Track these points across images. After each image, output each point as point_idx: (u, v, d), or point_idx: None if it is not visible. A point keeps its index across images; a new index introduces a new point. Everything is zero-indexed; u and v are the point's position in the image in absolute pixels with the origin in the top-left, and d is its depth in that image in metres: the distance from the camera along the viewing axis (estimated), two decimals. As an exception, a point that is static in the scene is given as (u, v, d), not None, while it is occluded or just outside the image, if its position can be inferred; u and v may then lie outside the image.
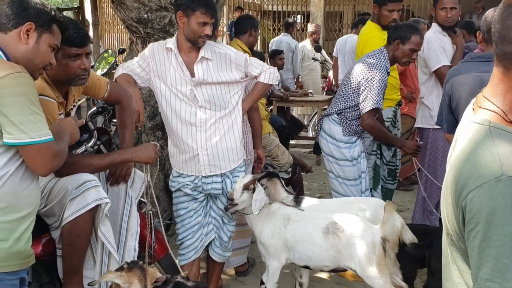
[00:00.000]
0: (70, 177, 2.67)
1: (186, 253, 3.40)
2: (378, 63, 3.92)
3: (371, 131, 3.96)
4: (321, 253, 3.18)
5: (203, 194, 3.36)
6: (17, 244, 2.06)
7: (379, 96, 3.87)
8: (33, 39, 2.12)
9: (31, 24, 2.10)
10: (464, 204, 1.32)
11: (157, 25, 4.39)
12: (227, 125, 3.29)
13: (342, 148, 4.01)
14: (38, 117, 2.03)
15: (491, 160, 1.30)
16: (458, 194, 1.35)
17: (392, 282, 3.12)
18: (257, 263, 4.32)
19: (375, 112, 3.93)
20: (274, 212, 3.34)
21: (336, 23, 13.87)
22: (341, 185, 4.07)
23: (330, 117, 4.07)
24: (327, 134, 4.08)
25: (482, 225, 1.27)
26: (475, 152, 1.35)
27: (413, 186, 6.43)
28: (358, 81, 3.94)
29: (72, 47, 2.65)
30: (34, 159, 2.05)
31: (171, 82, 3.22)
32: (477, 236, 1.29)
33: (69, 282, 2.72)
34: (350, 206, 3.54)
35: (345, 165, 4.03)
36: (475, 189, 1.29)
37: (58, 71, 2.68)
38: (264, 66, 3.42)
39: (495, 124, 1.37)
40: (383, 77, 3.88)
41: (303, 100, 7.84)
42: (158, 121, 4.50)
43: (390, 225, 3.10)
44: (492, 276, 1.26)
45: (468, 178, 1.32)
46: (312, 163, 7.42)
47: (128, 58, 4.64)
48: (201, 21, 3.10)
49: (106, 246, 2.77)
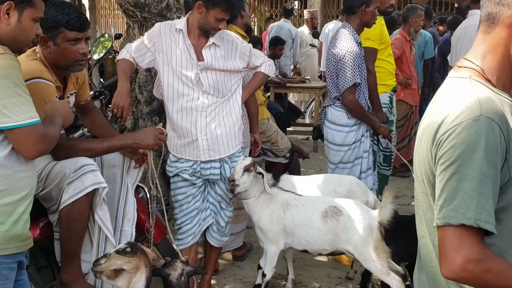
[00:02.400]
0: (67, 160, 2.66)
1: (184, 238, 3.40)
2: (343, 39, 3.93)
3: (353, 108, 3.97)
4: (320, 237, 3.20)
5: (202, 180, 3.36)
6: (15, 227, 2.04)
7: (354, 71, 3.88)
8: (14, 17, 2.02)
9: (10, 3, 2.00)
10: (440, 140, 1.38)
11: (154, 10, 4.36)
12: (226, 111, 3.30)
13: (347, 133, 4.03)
14: (22, 99, 1.97)
15: (470, 102, 1.35)
16: (435, 133, 1.40)
17: (388, 266, 3.15)
18: (254, 248, 4.34)
19: (354, 88, 3.93)
20: (272, 198, 3.35)
21: (334, 9, 13.80)
22: (340, 170, 4.08)
23: (332, 105, 4.09)
24: (330, 122, 4.11)
25: (456, 159, 1.33)
26: (455, 97, 1.41)
27: (409, 172, 6.46)
28: (334, 65, 3.97)
29: (72, 31, 2.64)
30: (18, 142, 2.00)
31: (176, 64, 3.20)
32: (449, 169, 1.35)
33: (67, 265, 2.73)
34: (327, 183, 3.70)
35: (345, 150, 4.05)
36: (453, 127, 1.35)
37: (57, 55, 2.67)
38: (265, 57, 3.51)
39: (475, 78, 1.44)
40: (353, 50, 3.88)
41: (300, 86, 7.83)
42: (155, 107, 4.49)
43: (388, 210, 3.11)
44: (457, 207, 1.32)
45: (447, 118, 1.37)
46: (309, 150, 7.42)
47: (124, 43, 4.62)
48: (219, 17, 3.11)
49: (103, 230, 2.78)
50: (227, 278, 3.95)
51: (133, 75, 4.48)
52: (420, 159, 1.50)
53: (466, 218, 1.31)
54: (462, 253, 1.31)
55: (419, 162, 1.50)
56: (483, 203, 1.31)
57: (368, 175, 4.12)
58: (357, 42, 3.95)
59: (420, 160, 1.50)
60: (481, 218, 1.30)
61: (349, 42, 3.90)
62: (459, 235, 1.32)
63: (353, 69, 3.87)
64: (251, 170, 3.28)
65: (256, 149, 3.80)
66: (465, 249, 1.31)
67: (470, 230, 1.32)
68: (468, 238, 1.32)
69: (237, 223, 3.99)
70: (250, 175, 3.28)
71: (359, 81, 3.92)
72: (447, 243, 1.34)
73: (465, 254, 1.31)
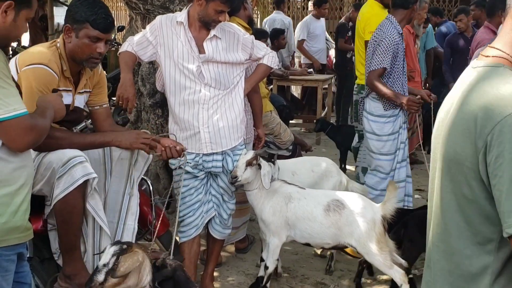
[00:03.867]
0: (53, 153, 2.65)
1: (187, 231, 3.41)
2: (386, 27, 4.02)
3: (373, 89, 4.07)
4: (322, 231, 3.20)
5: (204, 172, 3.36)
6: (13, 218, 2.02)
7: (385, 56, 3.96)
8: (11, 16, 2.02)
9: (10, 2, 2.00)
10: (490, 137, 1.26)
11: (157, 2, 4.35)
12: (228, 103, 3.29)
13: (384, 123, 4.11)
14: (5, 92, 1.94)
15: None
16: (480, 129, 1.29)
17: (391, 259, 3.15)
18: (256, 241, 4.34)
19: (379, 71, 4.01)
20: (275, 190, 3.35)
21: (337, 2, 13.74)
22: (378, 160, 4.16)
23: (370, 96, 4.17)
24: (368, 113, 4.19)
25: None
26: (492, 88, 1.30)
27: (412, 165, 6.44)
28: (372, 50, 4.06)
29: (95, 29, 2.72)
30: (5, 135, 1.98)
31: (177, 57, 3.19)
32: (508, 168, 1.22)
33: (69, 258, 2.73)
34: (305, 164, 4.03)
35: (385, 140, 4.13)
36: (502, 120, 1.24)
37: (75, 47, 2.75)
38: (268, 49, 3.47)
39: (508, 67, 1.36)
40: (392, 37, 3.97)
41: (303, 79, 7.81)
42: (158, 99, 4.48)
43: (391, 204, 3.11)
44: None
45: (491, 111, 1.27)
46: (312, 142, 7.42)
47: (127, 35, 4.60)
48: (219, 9, 3.10)
49: (97, 220, 2.79)
50: (230, 271, 3.96)
51: (136, 68, 4.47)
52: (452, 151, 1.39)
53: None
54: None
55: (448, 153, 1.39)
56: None
57: (402, 166, 4.20)
58: (399, 33, 4.03)
59: (451, 152, 1.39)
60: None
61: (389, 30, 4.00)
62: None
63: (385, 54, 3.97)
64: (253, 164, 3.27)
65: (259, 144, 3.80)
66: None
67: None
68: None
69: (239, 216, 3.99)
70: (252, 169, 3.27)
71: (387, 67, 4.00)
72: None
73: None
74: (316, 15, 8.57)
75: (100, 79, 3.07)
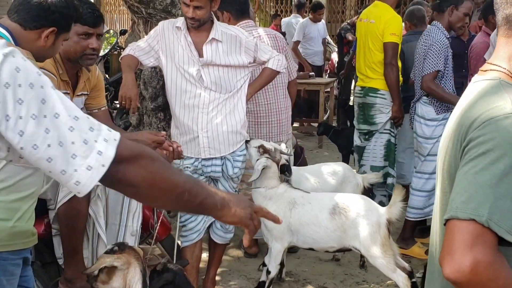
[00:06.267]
0: None
1: (189, 235, 3.40)
2: (434, 32, 4.09)
3: (430, 92, 4.10)
4: (327, 235, 3.19)
5: (204, 177, 3.35)
6: (20, 223, 2.04)
7: (438, 59, 4.04)
8: (51, 40, 2.10)
9: (54, 29, 2.09)
10: (469, 140, 1.29)
11: (159, 6, 4.35)
12: (229, 108, 3.27)
13: (436, 127, 4.14)
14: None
15: (502, 102, 1.28)
16: (464, 133, 1.32)
17: (395, 263, 3.14)
18: (259, 244, 4.33)
19: (434, 74, 4.06)
20: (280, 195, 3.31)
21: (339, 5, 13.76)
22: (428, 163, 4.18)
23: (421, 100, 4.21)
24: (420, 117, 4.23)
25: (480, 155, 1.23)
26: (484, 98, 1.34)
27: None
28: (423, 55, 4.12)
29: (84, 25, 2.69)
30: None
31: (178, 61, 3.20)
32: (470, 163, 1.24)
33: (71, 262, 2.73)
34: (325, 171, 4.02)
35: (433, 142, 4.15)
36: (482, 124, 1.27)
37: (68, 47, 2.71)
38: (273, 52, 3.39)
39: (505, 80, 1.37)
40: (441, 41, 4.04)
41: (305, 82, 7.79)
42: (160, 103, 4.49)
43: (397, 208, 3.10)
44: (469, 200, 1.20)
45: (477, 117, 1.29)
46: (314, 146, 7.42)
47: (130, 39, 4.61)
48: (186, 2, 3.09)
49: (96, 226, 2.78)
50: (232, 275, 3.95)
51: (138, 71, 4.47)
52: (446, 163, 1.41)
53: (477, 215, 1.17)
54: (474, 252, 1.16)
55: (445, 166, 1.42)
56: (499, 204, 1.18)
57: None
58: (446, 36, 4.10)
59: (446, 163, 1.41)
60: (493, 219, 1.17)
61: (438, 34, 4.07)
62: (472, 232, 1.18)
63: (437, 57, 4.04)
64: (262, 152, 3.28)
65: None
66: (478, 248, 1.16)
67: (484, 229, 1.17)
68: (482, 236, 1.17)
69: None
70: (262, 157, 3.27)
71: (441, 69, 4.07)
72: (457, 238, 1.19)
73: (477, 253, 1.16)
74: (312, 20, 8.60)
75: (98, 82, 3.04)
